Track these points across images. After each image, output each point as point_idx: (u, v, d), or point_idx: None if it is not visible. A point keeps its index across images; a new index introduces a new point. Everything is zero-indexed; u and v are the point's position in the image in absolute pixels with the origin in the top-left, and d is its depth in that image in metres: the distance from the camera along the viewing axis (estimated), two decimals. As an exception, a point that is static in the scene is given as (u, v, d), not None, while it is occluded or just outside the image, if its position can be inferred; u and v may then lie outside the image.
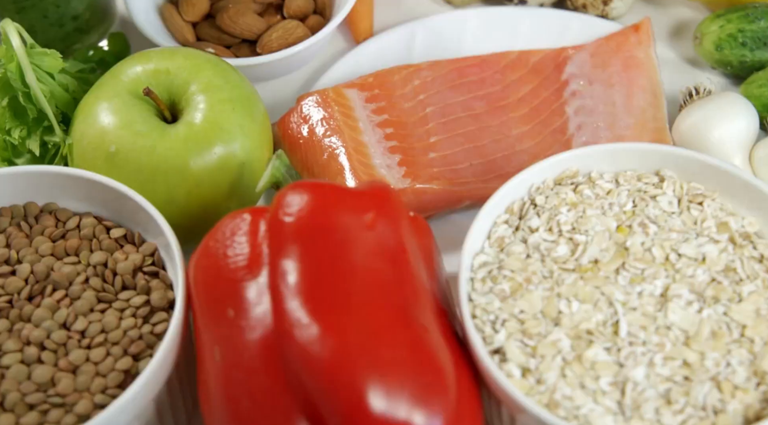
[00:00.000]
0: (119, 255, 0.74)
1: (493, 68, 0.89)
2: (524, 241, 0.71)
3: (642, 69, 0.87)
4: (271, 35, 0.88)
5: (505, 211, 0.73)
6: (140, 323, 0.71)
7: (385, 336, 0.62)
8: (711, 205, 0.71)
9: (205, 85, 0.78)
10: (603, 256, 0.69)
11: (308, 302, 0.62)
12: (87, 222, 0.75)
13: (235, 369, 0.63)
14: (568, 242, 0.70)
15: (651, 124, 0.85)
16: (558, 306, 0.67)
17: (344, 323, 0.62)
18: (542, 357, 0.65)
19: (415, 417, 0.60)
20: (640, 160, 0.73)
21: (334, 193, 0.67)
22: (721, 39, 0.87)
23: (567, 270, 0.69)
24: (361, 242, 0.65)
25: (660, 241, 0.69)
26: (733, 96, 0.83)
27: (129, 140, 0.75)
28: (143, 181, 0.75)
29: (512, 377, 0.65)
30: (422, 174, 0.81)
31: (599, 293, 0.67)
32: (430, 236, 0.72)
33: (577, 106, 0.86)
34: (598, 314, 0.66)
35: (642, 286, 0.67)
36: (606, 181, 0.73)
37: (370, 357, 0.61)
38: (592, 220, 0.70)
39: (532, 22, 0.94)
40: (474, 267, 0.70)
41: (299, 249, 0.64)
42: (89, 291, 0.72)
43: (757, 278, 0.68)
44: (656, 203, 0.71)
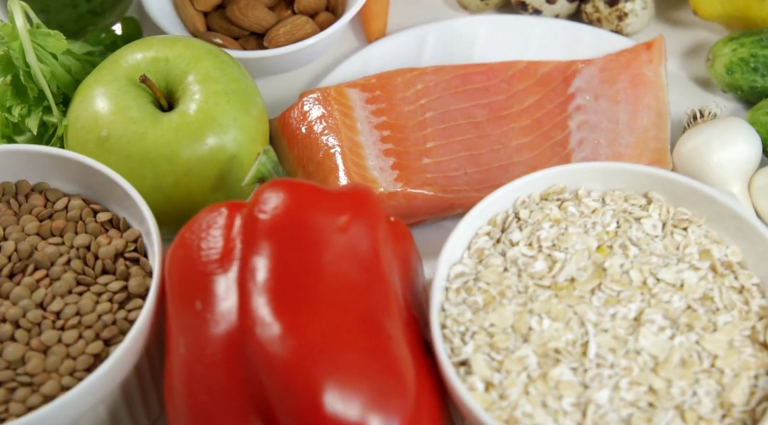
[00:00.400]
0: (103, 240, 0.74)
1: (499, 77, 0.88)
2: (503, 254, 0.70)
3: (650, 87, 0.86)
4: (279, 30, 0.88)
5: (488, 222, 0.72)
6: (116, 308, 0.71)
7: (346, 341, 0.62)
8: (696, 232, 0.70)
9: (203, 75, 0.78)
10: (580, 275, 0.68)
11: (273, 300, 0.62)
12: (75, 204, 0.76)
13: (197, 362, 0.63)
14: (547, 258, 0.69)
15: (652, 144, 0.83)
16: (529, 323, 0.66)
17: (307, 324, 0.62)
18: (507, 373, 0.65)
19: (370, 421, 0.60)
20: (630, 180, 0.72)
21: (311, 193, 0.67)
22: (732, 62, 0.86)
23: (542, 287, 0.68)
24: (333, 244, 0.65)
25: (639, 264, 0.68)
26: (736, 121, 0.81)
27: (121, 126, 0.75)
28: (132, 167, 0.76)
29: (475, 390, 0.64)
30: (415, 179, 0.81)
31: (572, 312, 0.66)
32: (409, 242, 0.71)
33: (580, 121, 0.86)
34: (569, 333, 0.66)
35: (616, 309, 0.66)
36: (593, 199, 0.72)
37: (329, 360, 0.60)
38: (573, 238, 0.70)
39: (544, 32, 0.93)
40: (450, 276, 0.70)
41: (270, 247, 0.64)
42: (69, 272, 0.72)
43: (734, 309, 0.67)
44: (640, 225, 0.70)
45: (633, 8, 0.91)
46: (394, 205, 0.80)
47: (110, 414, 0.69)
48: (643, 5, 0.91)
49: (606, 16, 0.91)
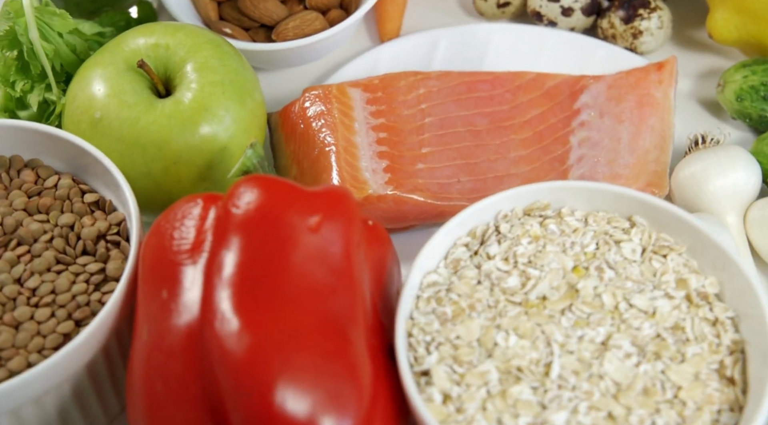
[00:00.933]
0: (87, 220, 0.75)
1: (505, 86, 0.87)
2: (478, 267, 0.70)
3: (656, 109, 0.85)
4: (288, 24, 0.88)
5: (467, 233, 0.72)
6: (91, 289, 0.72)
7: (304, 341, 0.61)
8: (675, 260, 0.69)
9: (201, 64, 0.78)
10: (552, 294, 0.67)
11: (235, 296, 0.62)
12: (64, 183, 0.77)
13: (156, 350, 0.63)
14: (521, 275, 0.68)
15: (651, 166, 0.82)
16: (495, 338, 0.66)
17: (266, 322, 0.62)
18: (467, 387, 0.64)
19: (320, 423, 0.60)
20: (615, 202, 0.71)
21: (286, 191, 0.66)
22: (742, 89, 0.84)
23: (513, 303, 0.67)
24: (302, 244, 0.65)
25: (613, 288, 0.67)
26: (737, 150, 0.80)
27: (114, 109, 0.76)
28: (123, 150, 0.76)
29: (432, 401, 0.64)
30: (406, 183, 0.80)
31: (540, 331, 0.66)
32: (387, 247, 0.71)
33: (582, 137, 0.85)
34: (534, 352, 0.65)
35: (584, 331, 0.66)
36: (576, 218, 0.71)
37: (284, 360, 0.60)
38: (550, 256, 0.69)
39: (557, 44, 0.92)
40: (423, 285, 0.69)
41: (240, 243, 0.64)
42: (51, 251, 0.73)
43: (705, 341, 0.65)
44: (619, 249, 0.69)
45: (648, 27, 0.89)
46: (384, 208, 0.80)
47: (76, 393, 0.70)
48: (659, 24, 0.89)
49: (621, 32, 0.90)
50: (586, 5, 0.92)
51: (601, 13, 0.92)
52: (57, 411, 0.69)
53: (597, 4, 0.92)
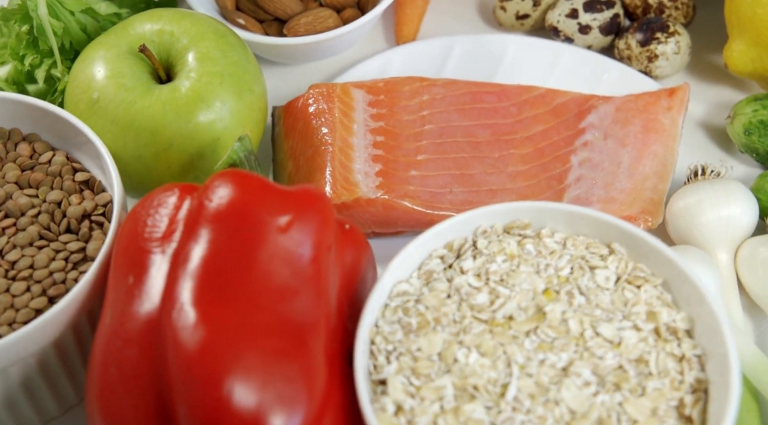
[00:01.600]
0: (74, 199, 0.75)
1: (511, 100, 0.86)
2: (450, 281, 0.69)
3: (661, 135, 0.83)
4: (301, 19, 0.88)
5: (444, 245, 0.71)
6: (69, 268, 0.72)
7: (258, 340, 0.61)
8: (649, 291, 0.68)
9: (202, 54, 0.78)
10: (519, 315, 0.67)
11: (196, 288, 0.63)
12: (57, 160, 0.78)
13: (115, 336, 0.64)
14: (491, 292, 0.68)
15: (648, 193, 0.81)
16: (456, 354, 0.65)
17: (222, 317, 0.62)
18: (422, 400, 0.64)
19: (267, 421, 0.60)
20: (595, 228, 0.70)
21: (260, 189, 0.66)
22: (751, 123, 0.82)
23: (479, 320, 0.67)
24: (269, 243, 0.65)
25: (581, 315, 0.66)
26: (734, 185, 0.78)
27: (111, 91, 0.77)
28: (116, 132, 0.77)
29: (384, 411, 0.64)
30: (397, 189, 0.80)
31: (502, 351, 0.65)
32: (363, 252, 0.71)
33: (584, 158, 0.84)
34: (492, 372, 0.64)
35: (546, 355, 0.65)
36: (555, 241, 0.70)
37: (234, 357, 0.60)
38: (522, 277, 0.68)
39: (571, 61, 0.91)
40: (393, 293, 0.69)
41: (208, 236, 0.65)
42: (35, 226, 0.74)
43: (667, 377, 0.64)
44: (593, 275, 0.68)
45: (665, 51, 0.88)
46: (373, 212, 0.80)
47: (42, 368, 0.70)
48: (675, 50, 0.88)
49: (636, 55, 0.89)
50: (605, 24, 0.90)
51: (619, 34, 0.91)
52: (22, 383, 0.70)
53: (616, 24, 0.91)
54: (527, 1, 0.93)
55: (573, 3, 0.91)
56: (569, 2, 0.91)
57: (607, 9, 0.90)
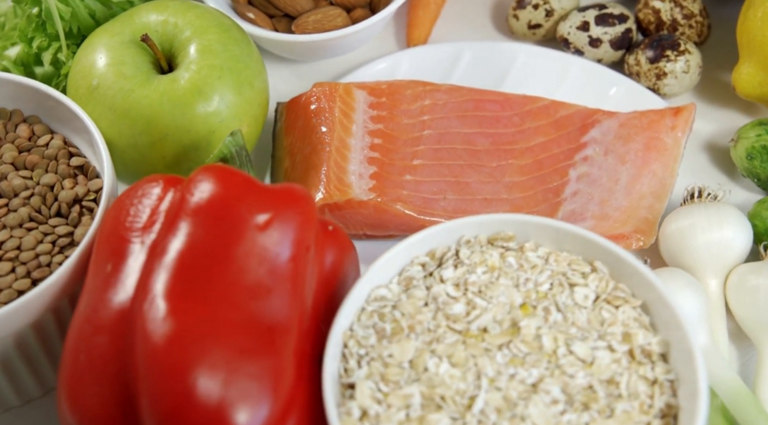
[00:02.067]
0: (67, 183, 0.76)
1: (514, 109, 0.86)
2: (429, 289, 0.69)
3: (662, 154, 0.83)
4: (309, 17, 0.89)
5: (427, 253, 0.71)
6: (55, 251, 0.73)
7: (226, 337, 0.62)
8: (627, 312, 0.67)
9: (204, 47, 0.79)
10: (493, 328, 0.66)
11: (170, 281, 0.63)
12: (55, 144, 0.78)
13: (88, 323, 0.64)
14: (468, 303, 0.68)
15: (643, 212, 0.80)
16: (427, 362, 0.65)
17: (192, 312, 0.62)
18: (388, 407, 0.64)
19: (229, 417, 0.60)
20: (580, 246, 0.70)
21: (243, 185, 0.67)
22: (754, 148, 0.81)
23: (453, 330, 0.66)
24: (247, 240, 0.65)
25: (556, 332, 0.66)
26: (728, 210, 0.77)
27: (111, 78, 0.77)
28: (113, 120, 0.77)
29: (350, 416, 0.64)
30: (389, 193, 0.80)
31: (473, 362, 0.65)
32: (345, 254, 0.71)
33: (582, 172, 0.83)
34: (461, 383, 0.64)
35: (517, 370, 0.65)
36: (538, 255, 0.70)
37: (201, 352, 0.60)
38: (500, 289, 0.68)
39: (580, 74, 0.90)
40: (370, 298, 0.69)
41: (187, 229, 0.65)
42: (27, 208, 0.75)
43: (637, 399, 0.64)
44: (572, 293, 0.68)
45: (673, 69, 0.87)
46: (364, 214, 0.80)
47: (21, 349, 0.71)
48: (684, 68, 0.87)
49: (645, 71, 0.88)
50: (616, 38, 0.90)
51: (630, 49, 0.90)
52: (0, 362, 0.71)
53: (628, 39, 0.90)
54: (540, 11, 0.92)
55: (585, 15, 0.90)
56: (581, 14, 0.90)
57: (619, 23, 0.90)
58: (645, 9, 0.91)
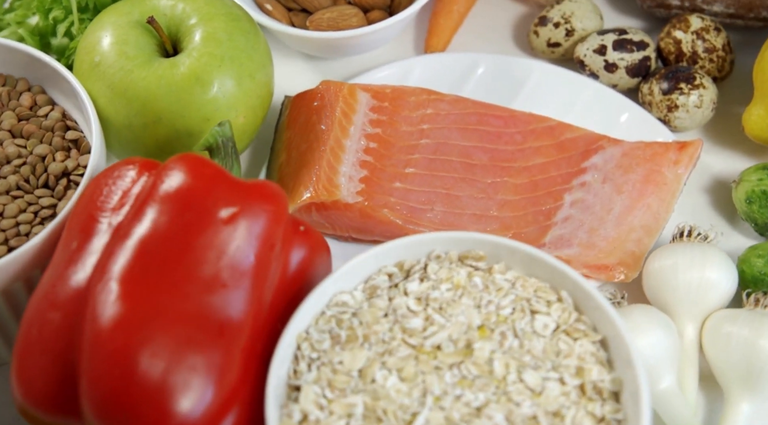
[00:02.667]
0: (59, 156, 0.77)
1: (519, 127, 0.85)
2: (391, 300, 0.69)
3: (660, 188, 0.81)
4: (325, 14, 0.88)
5: (395, 263, 0.70)
6: (36, 222, 0.74)
7: (174, 327, 0.62)
8: (584, 346, 0.66)
9: (208, 35, 0.79)
10: (447, 346, 0.66)
11: (127, 265, 0.63)
12: (53, 116, 0.79)
13: (45, 298, 0.65)
14: (426, 319, 0.67)
15: (630, 246, 0.79)
16: (375, 374, 0.65)
17: (143, 298, 0.62)
18: (330, 414, 0.64)
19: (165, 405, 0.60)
20: (549, 273, 0.69)
21: (215, 177, 0.67)
22: (754, 192, 0.79)
23: (407, 345, 0.66)
24: (209, 232, 0.65)
25: (509, 358, 0.65)
26: (713, 253, 0.75)
27: (112, 57, 0.78)
28: (110, 98, 0.78)
29: (290, 418, 0.64)
30: (377, 198, 0.80)
31: (421, 379, 0.65)
32: (315, 255, 0.70)
33: (577, 198, 0.82)
34: (406, 398, 0.64)
35: (464, 392, 0.64)
36: (505, 278, 0.69)
37: (145, 339, 0.61)
38: (461, 309, 0.67)
39: (592, 97, 0.88)
40: (332, 302, 0.69)
41: (152, 215, 0.65)
42: (16, 176, 0.76)
43: (580, 435, 0.63)
44: (533, 320, 0.67)
45: (685, 103, 0.85)
46: (350, 217, 0.80)
47: (-10, 314, 0.73)
48: (697, 103, 0.85)
49: (657, 102, 0.86)
50: (632, 65, 0.88)
51: (647, 77, 0.89)
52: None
53: (645, 67, 0.89)
54: (560, 30, 0.91)
55: (603, 39, 0.89)
56: (600, 37, 0.89)
57: (637, 50, 0.88)
58: (667, 38, 0.89)
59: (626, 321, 0.73)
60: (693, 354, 0.74)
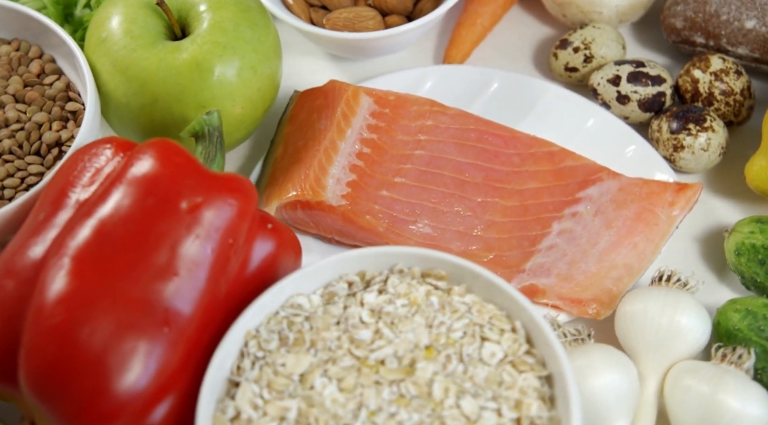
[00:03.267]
0: (56, 126, 0.79)
1: (518, 149, 0.84)
2: (345, 309, 0.69)
3: (650, 228, 0.80)
4: (342, 14, 0.88)
5: (357, 272, 0.70)
6: (21, 188, 0.76)
7: (117, 309, 0.62)
8: (528, 380, 0.65)
9: (214, 23, 0.80)
10: (391, 363, 0.66)
11: (82, 243, 0.64)
12: (58, 86, 0.81)
13: (4, 265, 0.66)
14: (376, 332, 0.67)
15: (608, 283, 0.77)
16: (315, 380, 0.65)
17: (93, 278, 0.63)
18: (263, 415, 0.64)
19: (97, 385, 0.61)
20: (508, 303, 0.68)
21: (185, 166, 0.68)
22: (743, 244, 0.78)
23: (352, 355, 0.66)
24: (168, 220, 0.66)
25: (449, 382, 0.65)
26: (687, 301, 0.74)
27: (117, 34, 0.79)
28: (111, 74, 0.79)
29: (223, 413, 0.64)
30: (361, 204, 0.80)
31: (359, 392, 0.65)
32: (283, 254, 0.71)
33: (565, 228, 0.81)
34: (341, 409, 0.64)
35: (399, 410, 0.64)
36: (463, 301, 0.69)
37: (87, 318, 0.62)
38: (412, 326, 0.67)
39: (600, 126, 0.87)
40: (287, 303, 0.69)
41: (117, 197, 0.66)
42: (11, 140, 0.78)
43: (506, 470, 0.62)
44: (481, 347, 0.66)
45: (692, 144, 0.83)
46: (334, 219, 0.80)
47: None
48: (704, 146, 0.83)
49: (664, 139, 0.85)
50: (645, 99, 0.86)
51: (659, 112, 0.87)
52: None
53: (659, 103, 0.87)
54: (579, 55, 0.90)
55: (619, 70, 0.87)
56: (616, 67, 0.87)
57: (652, 85, 0.86)
58: (685, 76, 0.87)
59: (583, 360, 0.72)
60: (651, 401, 0.73)
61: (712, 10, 0.87)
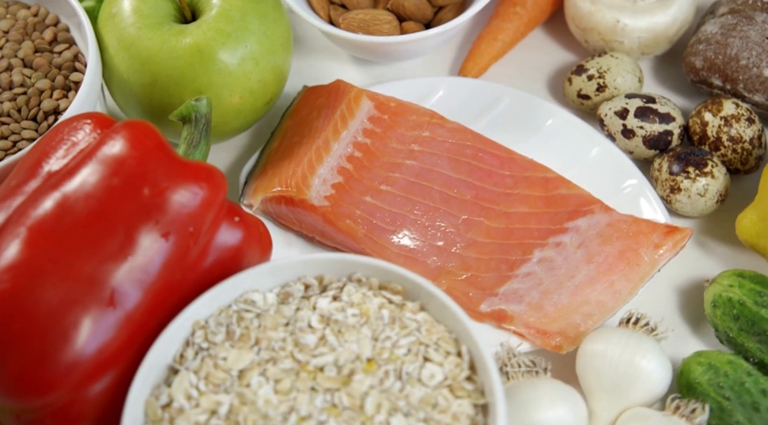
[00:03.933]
0: (56, 94, 0.80)
1: (513, 171, 0.83)
2: (297, 311, 0.69)
3: (631, 268, 0.78)
4: (358, 15, 0.88)
5: (316, 276, 0.71)
6: (12, 151, 0.79)
7: (64, 283, 0.64)
8: (464, 407, 0.65)
9: (222, 11, 0.80)
10: (330, 371, 0.66)
11: (42, 215, 0.66)
12: (66, 55, 0.82)
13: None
14: (321, 339, 0.67)
15: (577, 319, 0.76)
16: (252, 379, 0.66)
17: (45, 250, 0.64)
18: (195, 406, 0.65)
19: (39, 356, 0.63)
20: (458, 328, 0.67)
21: (154, 150, 0.68)
22: (720, 297, 0.76)
23: (293, 358, 0.66)
24: (127, 202, 0.66)
25: (384, 398, 0.65)
26: (649, 347, 0.72)
27: (127, 11, 0.80)
28: (116, 50, 0.80)
29: (157, 399, 0.65)
30: (343, 207, 0.80)
31: (293, 396, 0.65)
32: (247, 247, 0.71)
33: (546, 256, 0.80)
34: (272, 410, 0.64)
35: (329, 419, 0.64)
36: (414, 318, 0.68)
37: (32, 287, 0.63)
38: (357, 337, 0.67)
39: (603, 157, 0.85)
40: (241, 298, 0.69)
41: (84, 173, 0.67)
42: (11, 103, 0.79)
43: (423, 495, 0.62)
44: (422, 367, 0.66)
45: (689, 188, 0.82)
46: (314, 218, 0.80)
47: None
48: (701, 191, 0.82)
49: (663, 179, 0.83)
50: (651, 136, 0.85)
51: (663, 151, 0.85)
52: None
53: (665, 142, 0.85)
54: (593, 83, 0.89)
55: (628, 103, 0.86)
56: (625, 100, 0.86)
57: (659, 122, 0.85)
58: (696, 117, 0.86)
59: (531, 393, 0.71)
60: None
61: (733, 53, 0.85)
